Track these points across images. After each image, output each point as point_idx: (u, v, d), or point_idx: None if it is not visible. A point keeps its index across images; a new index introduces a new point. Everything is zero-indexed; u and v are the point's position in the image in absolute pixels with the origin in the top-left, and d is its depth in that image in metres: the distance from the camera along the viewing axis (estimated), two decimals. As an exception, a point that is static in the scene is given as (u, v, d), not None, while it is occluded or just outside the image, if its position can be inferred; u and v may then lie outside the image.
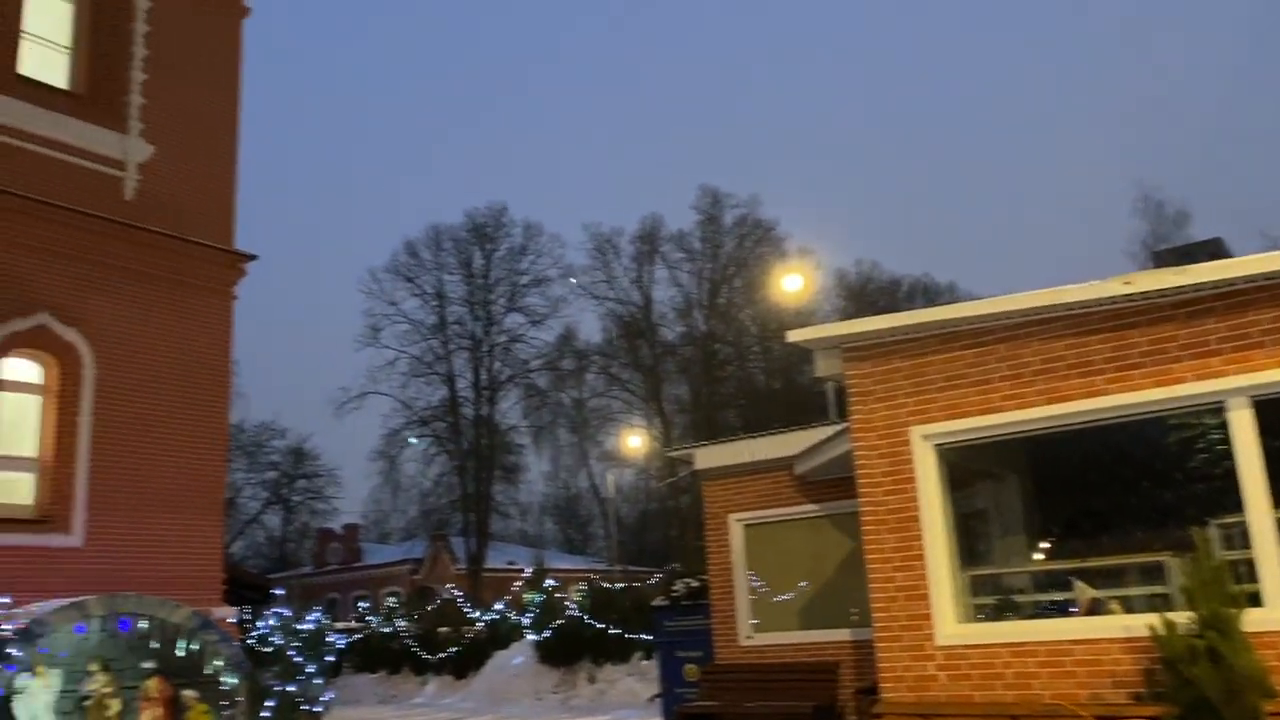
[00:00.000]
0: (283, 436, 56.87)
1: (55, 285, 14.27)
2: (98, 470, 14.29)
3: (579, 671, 20.49)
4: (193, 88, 16.53)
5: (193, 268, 15.90)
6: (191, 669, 12.92)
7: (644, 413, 53.64)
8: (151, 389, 15.08)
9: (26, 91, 14.57)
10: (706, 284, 53.01)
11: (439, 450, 51.43)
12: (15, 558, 12.40)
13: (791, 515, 13.40)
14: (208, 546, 15.43)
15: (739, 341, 54.23)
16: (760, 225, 53.66)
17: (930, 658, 8.41)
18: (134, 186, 15.46)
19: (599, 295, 53.43)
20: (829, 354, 9.24)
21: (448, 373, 50.75)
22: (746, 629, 13.49)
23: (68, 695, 12.59)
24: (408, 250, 52.00)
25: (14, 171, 14.11)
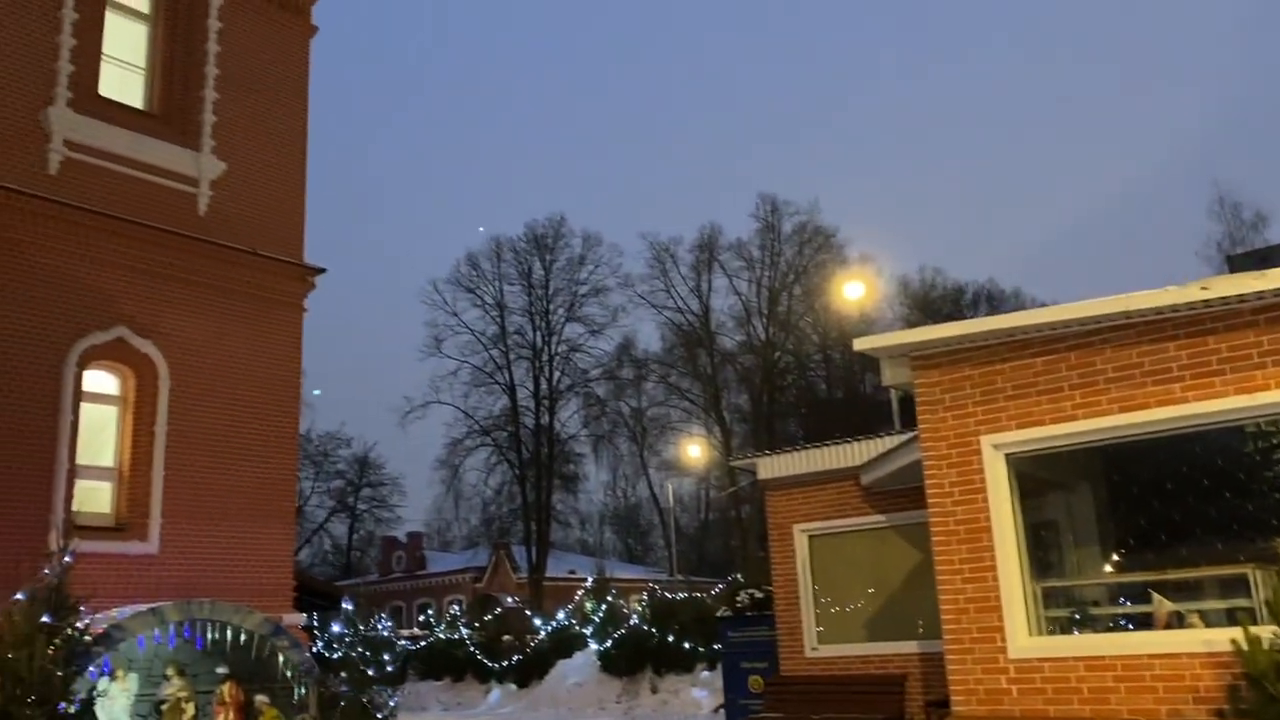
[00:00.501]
0: (348, 446, 57.91)
1: (132, 299, 14.69)
2: (173, 479, 14.66)
3: (641, 681, 20.47)
4: (263, 105, 16.94)
5: (264, 281, 16.26)
6: (263, 674, 13.20)
7: (703, 422, 53.53)
8: (224, 400, 15.44)
9: (106, 112, 15.06)
10: (766, 292, 52.79)
11: (500, 459, 51.89)
12: (96, 564, 12.76)
13: (857, 526, 13.27)
14: (279, 554, 15.75)
15: (799, 350, 53.88)
16: (820, 232, 53.35)
17: (1003, 671, 8.26)
18: (207, 203, 15.87)
19: (657, 304, 53.54)
20: (896, 362, 9.14)
21: (508, 382, 51.23)
22: (812, 640, 13.37)
23: (145, 699, 12.95)
24: (469, 261, 52.70)
25: (93, 189, 14.57)
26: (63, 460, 13.62)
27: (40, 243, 13.87)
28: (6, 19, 13.96)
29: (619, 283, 53.19)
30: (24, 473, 13.18)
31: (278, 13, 17.50)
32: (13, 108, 13.97)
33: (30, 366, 13.51)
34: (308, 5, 18.07)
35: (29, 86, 14.18)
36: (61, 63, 14.50)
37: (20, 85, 14.09)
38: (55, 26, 14.55)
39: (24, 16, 14.24)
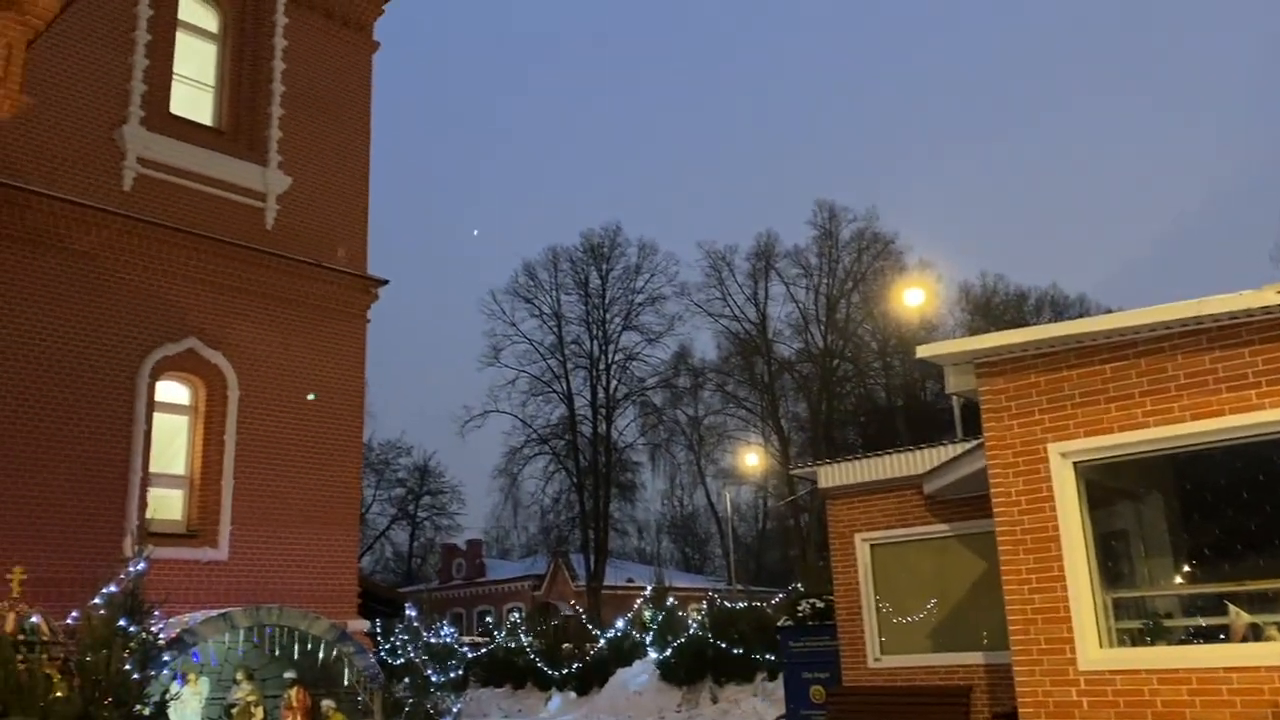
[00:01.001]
0: (409, 454, 58.63)
1: (202, 311, 15.08)
2: (241, 487, 15.00)
3: (701, 690, 20.40)
4: (327, 120, 17.29)
5: (328, 293, 16.58)
6: (330, 679, 13.42)
7: (760, 430, 53.27)
8: (290, 409, 15.76)
9: (177, 129, 15.49)
10: (824, 299, 52.41)
11: (558, 468, 52.15)
12: (168, 570, 13.10)
13: (920, 535, 13.10)
14: (343, 561, 16.01)
15: (858, 357, 53.39)
16: (879, 239, 52.84)
17: (1073, 683, 8.09)
18: (274, 216, 16.23)
19: (714, 313, 53.44)
20: (960, 369, 9.03)
21: (566, 391, 51.50)
22: (874, 650, 13.23)
23: (216, 702, 13.25)
24: (526, 272, 53.11)
25: (165, 205, 15.00)
26: (137, 468, 14.02)
27: (115, 257, 14.30)
28: (83, 43, 14.43)
29: (675, 291, 53.24)
30: (101, 481, 13.59)
31: (341, 30, 17.87)
32: (89, 127, 14.44)
33: (107, 378, 13.93)
34: (370, 22, 18.43)
35: (105, 106, 14.64)
36: (135, 83, 14.95)
37: (96, 105, 14.56)
38: (129, 48, 15.02)
39: (99, 40, 14.71)
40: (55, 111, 13.97)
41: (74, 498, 13.22)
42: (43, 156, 13.82)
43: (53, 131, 13.95)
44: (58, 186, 13.87)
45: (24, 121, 12.68)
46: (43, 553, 12.25)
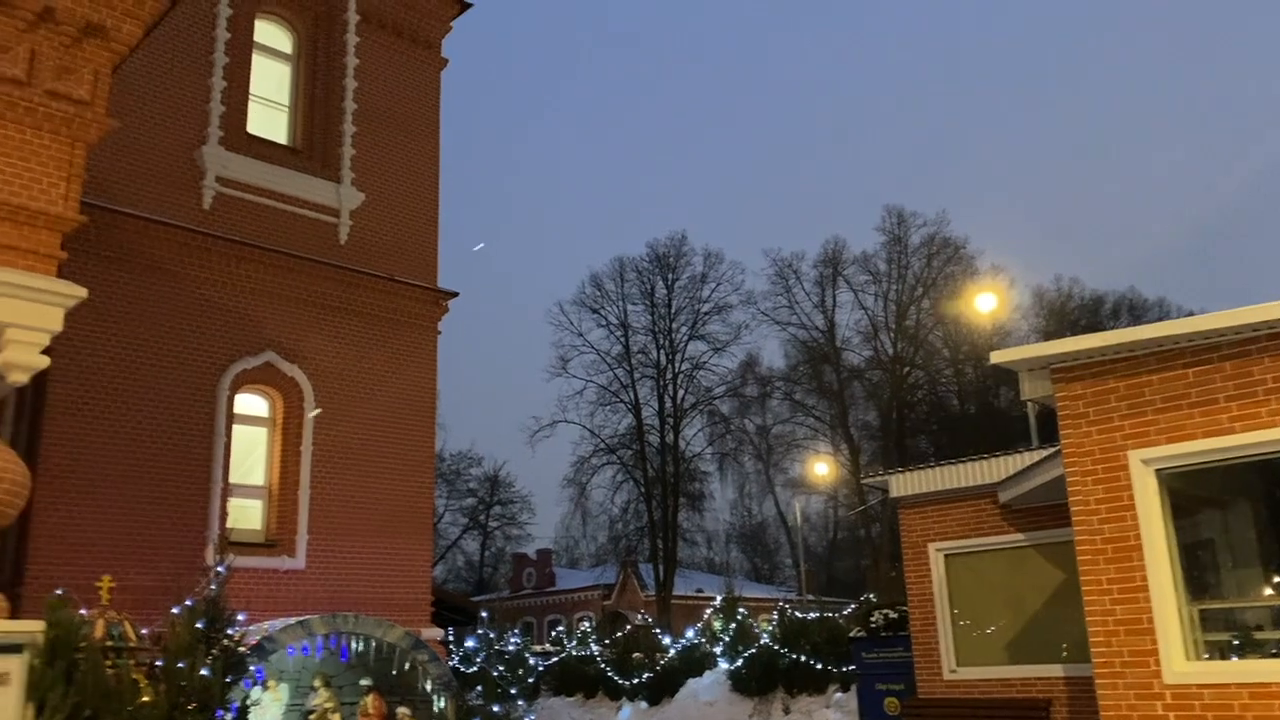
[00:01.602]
0: (479, 464, 59.26)
1: (279, 325, 15.45)
2: (318, 497, 15.31)
3: (773, 701, 20.22)
4: (398, 136, 17.62)
5: (400, 306, 16.87)
6: (404, 687, 13.61)
7: (830, 439, 52.76)
8: (364, 420, 16.05)
9: (253, 148, 15.92)
10: (893, 306, 51.76)
11: (626, 478, 52.24)
12: (249, 579, 13.41)
13: (996, 545, 12.84)
14: (417, 569, 16.23)
15: (930, 364, 52.58)
16: (949, 243, 52.00)
17: (1158, 697, 7.86)
18: (347, 232, 16.57)
19: (781, 321, 53.10)
20: (1036, 375, 8.84)
21: (633, 401, 51.57)
22: (950, 662, 12.99)
23: (294, 709, 13.50)
24: (593, 282, 53.40)
25: (244, 222, 15.41)
26: (218, 479, 14.39)
27: (196, 274, 14.73)
28: (165, 66, 14.92)
29: (741, 300, 53.01)
30: (184, 492, 13.98)
31: (410, 48, 18.21)
32: (171, 148, 14.91)
33: (189, 391, 14.34)
34: (438, 39, 18.75)
35: (185, 127, 15.11)
36: (213, 104, 15.41)
37: (177, 127, 15.04)
38: (208, 71, 15.48)
39: (180, 63, 15.20)
40: (140, 133, 14.45)
41: (158, 508, 13.62)
42: (128, 177, 14.30)
43: (137, 153, 14.44)
44: (142, 206, 14.34)
45: (111, 144, 13.14)
46: (129, 562, 12.63)
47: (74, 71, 8.78)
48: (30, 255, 8.43)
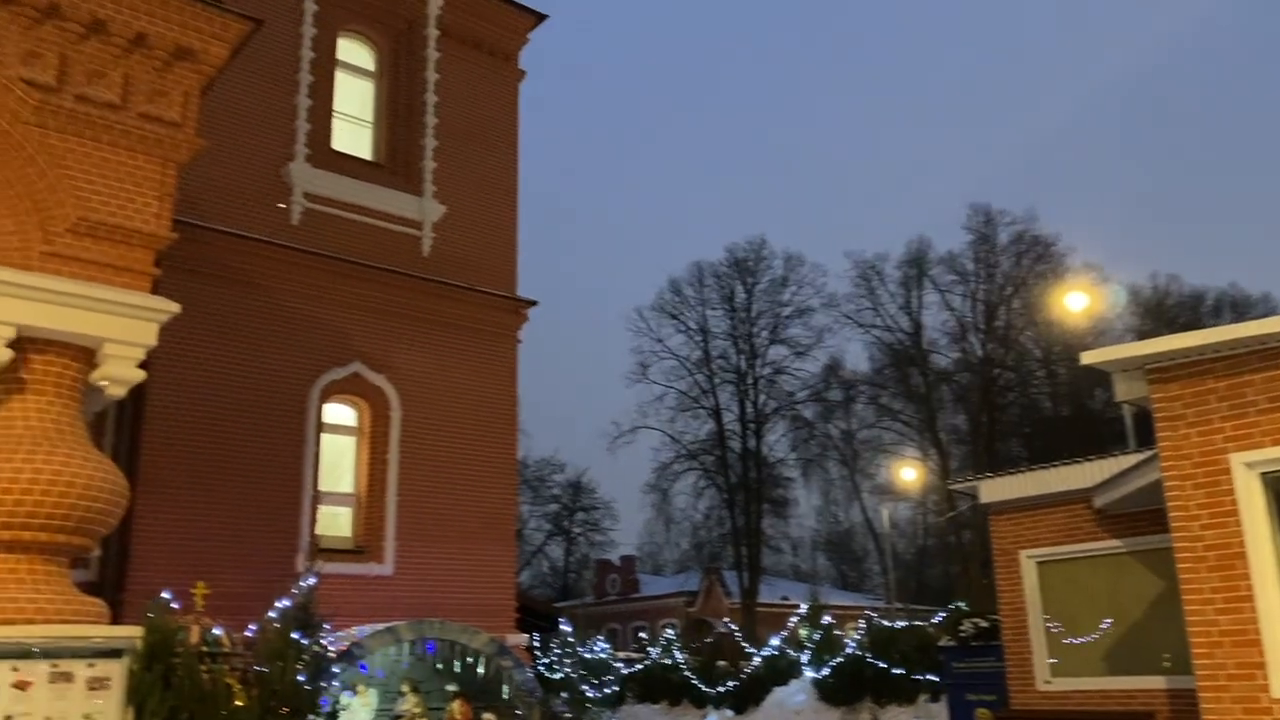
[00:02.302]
0: (562, 470, 59.69)
1: (365, 336, 15.76)
2: (405, 504, 15.57)
3: (861, 711, 19.91)
4: (477, 149, 17.86)
5: (482, 316, 17.09)
6: (490, 693, 13.71)
7: (918, 444, 51.77)
8: (449, 428, 16.28)
9: (338, 164, 16.30)
10: (982, 306, 50.59)
11: (708, 484, 52.05)
12: (338, 585, 13.68)
13: (1091, 551, 12.43)
14: (502, 576, 16.39)
15: (1020, 366, 51.22)
16: (1039, 241, 50.66)
17: (1266, 711, 7.49)
18: (430, 244, 16.85)
19: (864, 323, 52.35)
20: (1130, 376, 8.52)
21: (714, 406, 51.36)
22: (1044, 673, 12.60)
23: (383, 713, 13.71)
24: (672, 288, 53.38)
25: (331, 237, 15.78)
26: (308, 487, 14.73)
27: (286, 288, 15.12)
28: (252, 86, 15.35)
29: (823, 303, 52.43)
30: (276, 499, 14.34)
31: (488, 61, 18.45)
32: (260, 166, 15.35)
33: (280, 402, 14.71)
34: (515, 51, 18.96)
35: (273, 145, 15.54)
36: (300, 121, 15.81)
37: (266, 145, 15.47)
38: (293, 89, 15.90)
39: (267, 82, 15.63)
40: (229, 152, 14.89)
41: (251, 516, 13.99)
42: (219, 195, 14.75)
43: (227, 171, 14.88)
44: (233, 223, 14.78)
45: (202, 163, 13.56)
46: (224, 569, 12.98)
47: (165, 94, 9.10)
48: (126, 272, 8.75)
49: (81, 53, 8.73)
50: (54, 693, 7.68)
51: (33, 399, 8.37)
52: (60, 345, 8.48)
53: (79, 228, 8.53)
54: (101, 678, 7.90)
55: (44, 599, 7.98)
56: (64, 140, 8.58)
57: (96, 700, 7.84)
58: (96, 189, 8.65)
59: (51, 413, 8.38)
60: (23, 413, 8.29)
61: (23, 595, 7.91)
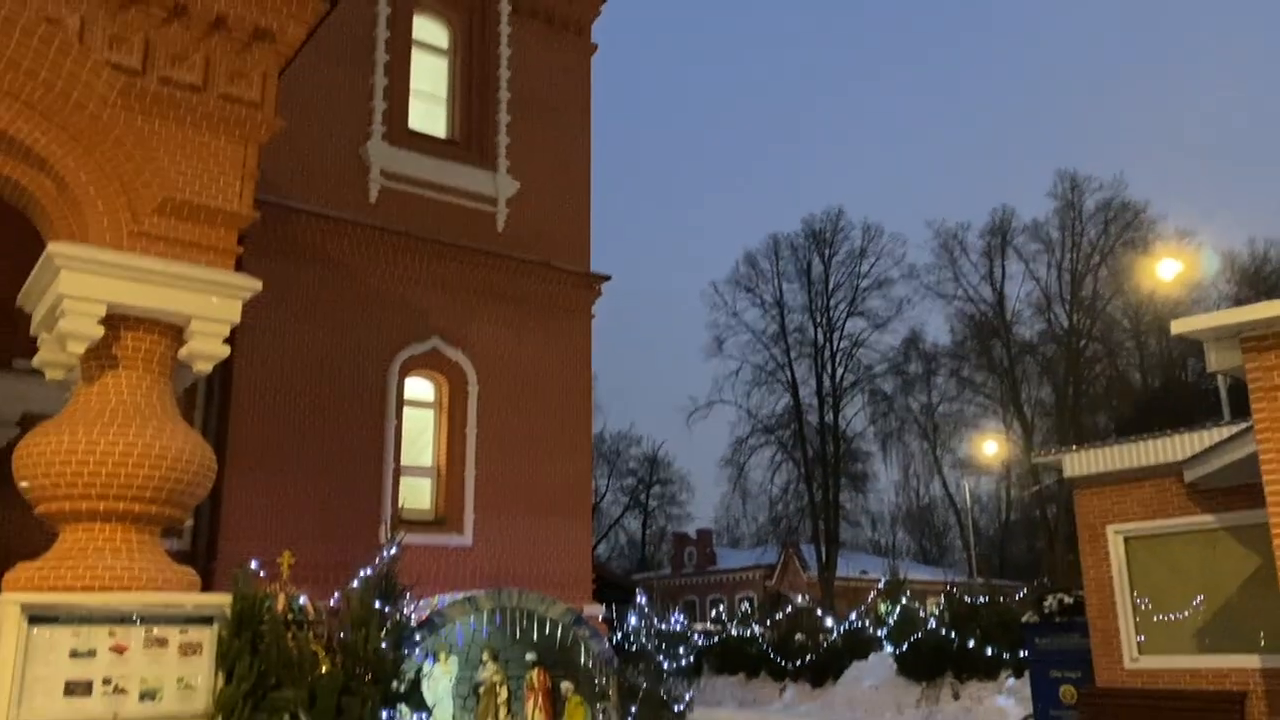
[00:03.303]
0: (639, 444, 59.99)
1: (443, 312, 15.98)
2: (483, 477, 15.80)
3: (941, 687, 19.65)
4: (550, 124, 17.89)
5: (556, 291, 17.18)
6: (567, 662, 13.89)
7: (1001, 417, 50.69)
8: (525, 403, 16.45)
9: (414, 142, 16.48)
10: (1067, 276, 49.10)
11: (784, 458, 51.74)
12: (420, 555, 13.97)
13: (1181, 527, 12.05)
14: (578, 547, 16.55)
15: (1108, 337, 49.68)
16: (1127, 208, 48.90)
17: (1370, 694, 7.19)
18: (504, 220, 16.97)
19: (945, 294, 51.28)
20: (1223, 345, 8.20)
21: (790, 380, 50.95)
22: (1131, 650, 12.29)
23: (464, 681, 14.00)
24: (747, 261, 52.94)
25: (409, 215, 15.99)
26: (389, 461, 15.04)
27: (366, 265, 15.39)
28: (331, 67, 15.59)
29: (903, 274, 51.51)
30: (359, 472, 14.67)
31: (560, 35, 18.43)
32: (339, 146, 15.61)
33: (361, 378, 15.02)
34: (587, 24, 18.90)
35: (350, 125, 15.78)
36: (376, 101, 16.02)
37: (344, 125, 15.72)
38: (369, 68, 16.10)
39: (346, 64, 15.86)
40: (308, 132, 15.17)
41: (335, 488, 14.34)
42: (299, 175, 15.04)
43: (307, 151, 15.17)
44: (314, 202, 15.07)
45: (282, 143, 13.82)
46: (309, 539, 13.35)
47: (244, 75, 9.27)
48: (210, 251, 8.97)
49: (164, 36, 8.93)
50: (149, 657, 7.98)
51: (124, 374, 8.65)
52: (149, 322, 8.75)
53: (165, 208, 8.76)
54: (193, 643, 8.18)
55: (138, 567, 8.28)
56: (149, 122, 8.80)
57: (189, 665, 8.13)
58: (181, 170, 8.88)
59: (142, 388, 8.65)
60: (115, 388, 8.59)
61: (119, 563, 8.22)
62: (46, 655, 7.60)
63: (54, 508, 8.38)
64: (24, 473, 8.39)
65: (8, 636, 7.52)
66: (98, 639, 7.80)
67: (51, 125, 8.46)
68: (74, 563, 8.15)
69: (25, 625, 7.58)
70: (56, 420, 8.54)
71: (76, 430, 8.25)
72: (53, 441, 8.25)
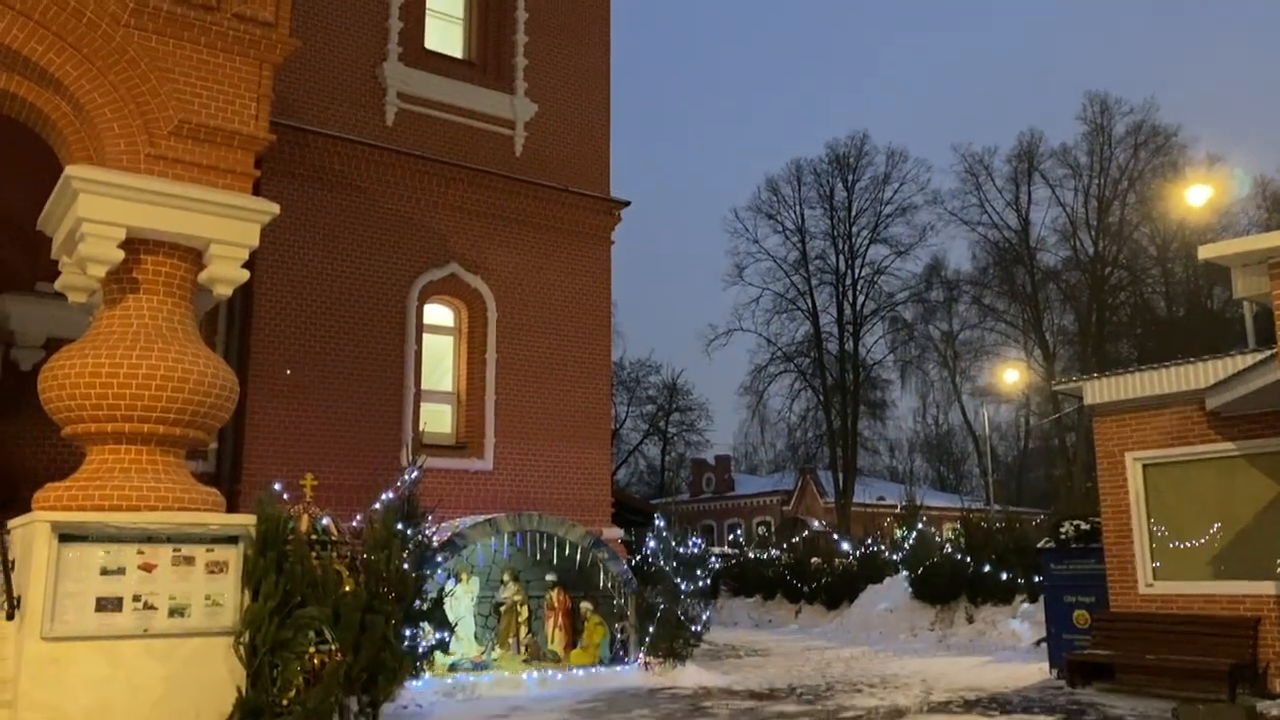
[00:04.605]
0: (658, 372, 60.11)
1: (460, 238, 15.92)
2: (503, 403, 15.90)
3: (956, 610, 19.87)
4: (568, 45, 17.58)
5: (575, 217, 17.05)
6: (586, 583, 14.13)
7: (1022, 345, 50.42)
8: (544, 329, 16.47)
9: (431, 63, 16.25)
10: (1094, 202, 48.32)
11: (804, 386, 51.77)
12: (441, 479, 14.15)
13: (1201, 454, 12.02)
14: (597, 472, 16.71)
15: (1134, 264, 49.04)
16: (1158, 132, 47.88)
17: (1384, 620, 7.21)
18: (522, 144, 16.79)
19: (970, 221, 50.61)
20: (1251, 271, 8.08)
21: (811, 308, 50.70)
22: (1146, 576, 12.37)
23: (485, 600, 14.28)
24: (769, 187, 52.29)
25: (426, 138, 15.84)
26: (410, 386, 15.14)
27: (383, 189, 15.30)
28: (346, -15, 15.31)
29: (927, 200, 50.78)
30: (380, 397, 14.79)
31: (579, -48, 17.99)
32: (354, 66, 15.40)
33: (381, 302, 15.05)
34: (606, -59, 18.42)
35: (366, 46, 15.55)
36: (392, 20, 15.76)
37: (359, 45, 15.49)
38: (386, -13, 15.80)
39: (360, -19, 15.56)
40: (324, 53, 14.98)
41: (357, 412, 14.47)
42: (316, 97, 14.90)
43: (323, 72, 14.99)
44: (330, 124, 14.94)
45: (298, 64, 13.69)
46: (332, 462, 13.54)
47: (258, -6, 9.12)
48: (228, 174, 8.94)
49: (176, -46, 8.78)
50: (177, 575, 8.17)
51: (145, 298, 8.71)
52: (168, 246, 8.77)
53: (181, 130, 8.71)
54: (220, 561, 8.36)
55: (164, 487, 8.43)
56: (163, 43, 8.71)
57: (216, 583, 8.31)
58: (196, 91, 8.80)
59: (163, 311, 8.71)
60: (136, 311, 8.65)
61: (145, 484, 8.37)
62: (77, 572, 7.79)
63: (80, 429, 8.51)
64: (50, 395, 8.51)
65: (39, 554, 7.70)
66: (126, 557, 7.99)
67: (65, 45, 8.38)
68: (101, 483, 8.30)
69: (56, 543, 7.75)
70: (80, 343, 8.62)
71: (100, 353, 8.34)
72: (76, 364, 8.35)
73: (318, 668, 8.43)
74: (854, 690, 12.47)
